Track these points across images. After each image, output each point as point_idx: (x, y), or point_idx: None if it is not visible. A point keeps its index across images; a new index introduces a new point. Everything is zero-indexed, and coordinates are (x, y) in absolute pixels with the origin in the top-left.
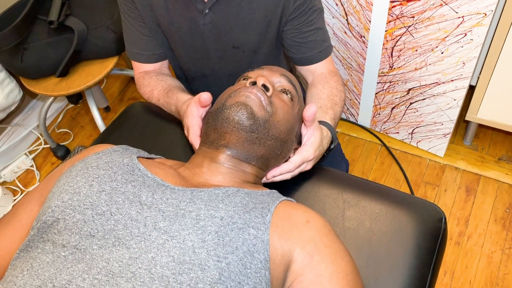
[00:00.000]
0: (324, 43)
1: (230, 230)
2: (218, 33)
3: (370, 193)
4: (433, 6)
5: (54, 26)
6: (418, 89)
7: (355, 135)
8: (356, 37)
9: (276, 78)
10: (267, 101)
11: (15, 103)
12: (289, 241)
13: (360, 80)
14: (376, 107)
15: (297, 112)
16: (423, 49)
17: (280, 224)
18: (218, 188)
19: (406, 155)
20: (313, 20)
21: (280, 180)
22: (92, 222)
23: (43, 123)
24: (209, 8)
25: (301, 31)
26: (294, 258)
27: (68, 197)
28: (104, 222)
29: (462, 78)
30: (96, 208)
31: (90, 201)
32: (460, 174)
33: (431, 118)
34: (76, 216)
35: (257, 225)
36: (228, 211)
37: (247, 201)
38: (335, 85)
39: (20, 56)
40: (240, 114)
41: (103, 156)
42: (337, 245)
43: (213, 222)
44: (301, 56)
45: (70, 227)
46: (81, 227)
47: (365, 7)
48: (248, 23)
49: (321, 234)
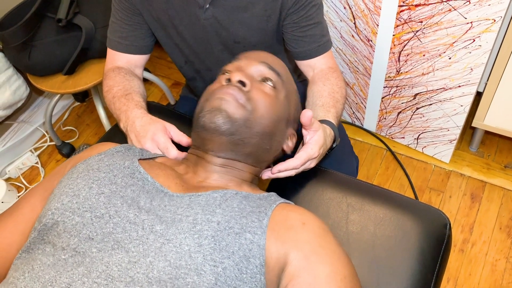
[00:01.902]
0: (323, 38)
1: (227, 235)
2: (219, 28)
3: (374, 197)
4: (441, 11)
5: (62, 24)
6: (425, 94)
7: (360, 139)
8: (364, 40)
9: (255, 67)
10: (244, 99)
11: (22, 100)
12: (285, 244)
13: (366, 84)
14: (382, 112)
15: (285, 97)
16: (431, 54)
17: (277, 228)
18: (216, 191)
19: (411, 160)
20: (312, 15)
21: (285, 176)
22: (91, 224)
23: (49, 120)
24: (209, 3)
25: (300, 25)
26: (289, 260)
27: (67, 199)
28: (103, 225)
29: (470, 84)
30: (95, 210)
31: (89, 203)
32: (466, 181)
33: (438, 124)
34: (75, 218)
35: (253, 230)
36: (225, 215)
37: (244, 205)
38: (336, 82)
39: (28, 53)
40: (216, 120)
41: (105, 158)
42: (334, 246)
43: (210, 226)
44: (300, 50)
45: (69, 229)
46: (80, 229)
47: (373, 11)
48: (248, 18)
49: (318, 236)
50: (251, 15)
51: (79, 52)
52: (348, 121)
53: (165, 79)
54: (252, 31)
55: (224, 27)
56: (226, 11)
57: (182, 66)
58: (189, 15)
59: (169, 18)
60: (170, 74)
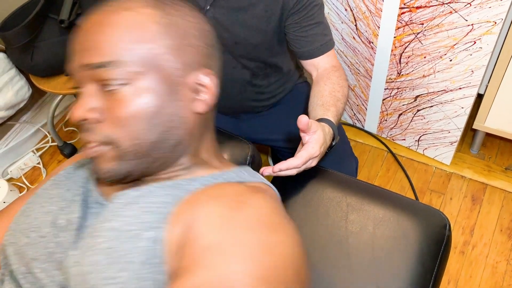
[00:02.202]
0: (325, 37)
1: (125, 241)
2: (219, 29)
3: (374, 197)
4: (442, 14)
5: (64, 25)
6: (425, 96)
7: (361, 141)
8: (365, 42)
9: (84, 80)
10: (102, 139)
11: (24, 101)
12: (191, 215)
13: (367, 86)
14: (383, 113)
15: (152, 79)
16: (432, 56)
17: (187, 207)
18: (139, 189)
19: (412, 162)
20: (314, 15)
21: (285, 175)
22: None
23: (51, 121)
24: (210, 4)
25: (301, 25)
26: (188, 240)
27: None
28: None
29: (471, 86)
30: (39, 231)
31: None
32: (466, 183)
33: (438, 126)
34: (23, 239)
35: (156, 224)
36: (128, 216)
37: (165, 195)
38: (337, 80)
39: (30, 54)
40: (104, 179)
41: (66, 175)
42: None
43: (107, 236)
44: (303, 50)
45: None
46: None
47: (374, 13)
48: (248, 19)
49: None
50: (252, 16)
51: None
52: (349, 123)
53: None
54: (253, 32)
55: (224, 28)
56: (227, 12)
57: None
58: None
59: None
60: None
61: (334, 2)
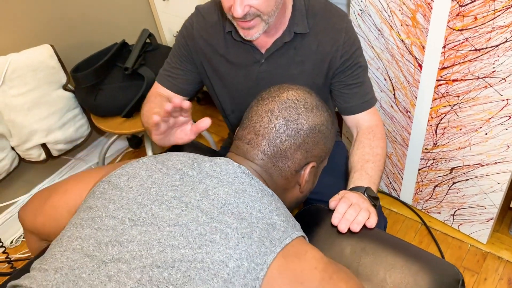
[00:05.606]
0: (367, 95)
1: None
2: (271, 81)
3: (388, 245)
4: (478, 87)
5: (128, 72)
6: (461, 169)
7: (396, 210)
8: (402, 111)
9: None
10: None
11: (82, 137)
12: None
13: (404, 155)
14: (419, 184)
15: None
16: (467, 129)
17: None
18: None
19: (447, 237)
20: (358, 75)
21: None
22: None
23: (102, 160)
24: (265, 58)
25: (346, 83)
26: None
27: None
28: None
29: (506, 162)
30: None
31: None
32: (503, 265)
33: (474, 201)
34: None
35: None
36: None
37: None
38: (369, 143)
39: (95, 95)
40: None
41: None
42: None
43: None
44: (346, 106)
45: None
46: None
47: (412, 83)
48: (297, 74)
49: None
50: (301, 71)
51: (139, 99)
52: (385, 191)
53: (214, 135)
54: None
55: (275, 80)
56: (279, 67)
57: (229, 114)
58: (245, 68)
59: (226, 70)
60: (219, 131)
61: (374, 71)
